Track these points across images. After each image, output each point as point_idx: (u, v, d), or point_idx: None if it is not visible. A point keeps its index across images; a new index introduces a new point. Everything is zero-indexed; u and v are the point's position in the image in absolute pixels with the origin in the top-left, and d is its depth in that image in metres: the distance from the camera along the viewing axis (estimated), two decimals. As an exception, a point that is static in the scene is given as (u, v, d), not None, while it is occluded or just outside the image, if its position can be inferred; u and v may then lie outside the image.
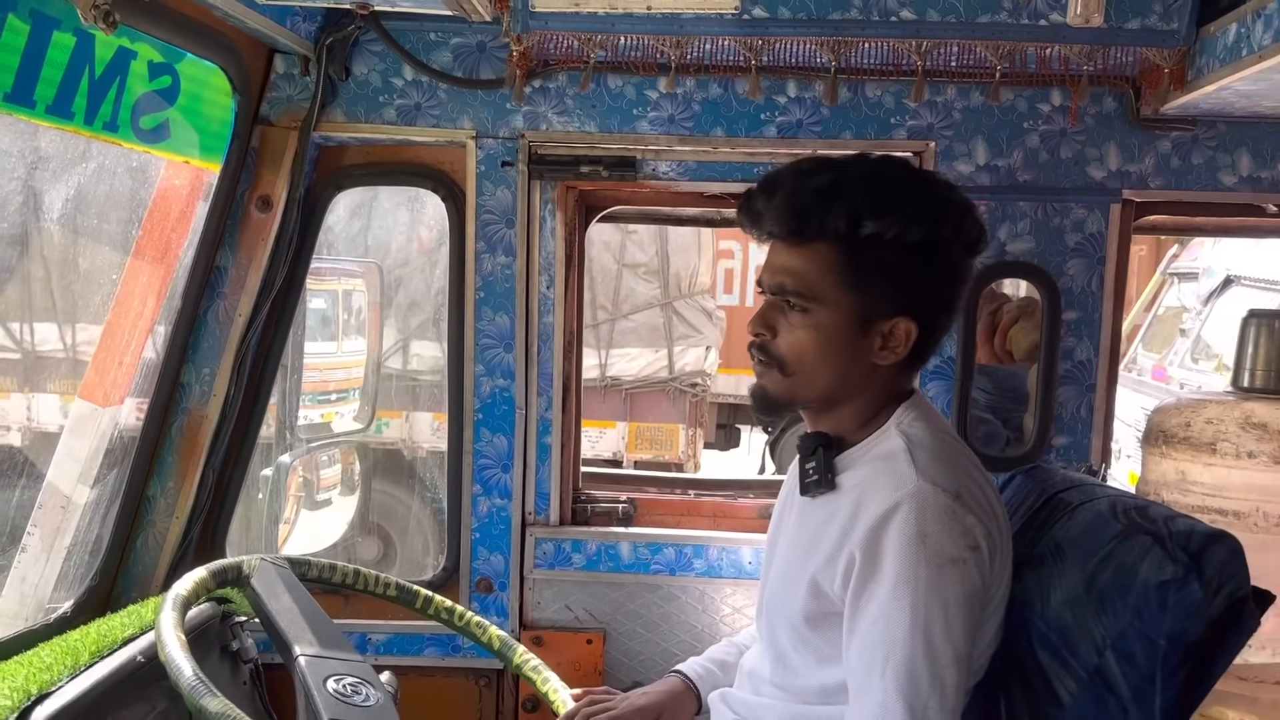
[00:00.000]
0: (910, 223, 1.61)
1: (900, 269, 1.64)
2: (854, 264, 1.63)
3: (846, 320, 1.66)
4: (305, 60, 2.46)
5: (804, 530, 1.77)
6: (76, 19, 1.85)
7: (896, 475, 1.63)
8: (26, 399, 4.11)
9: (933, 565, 1.56)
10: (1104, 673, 1.60)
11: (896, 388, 1.77)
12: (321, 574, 2.18)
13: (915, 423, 1.72)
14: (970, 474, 1.71)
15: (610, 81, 2.50)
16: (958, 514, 1.59)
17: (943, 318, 1.74)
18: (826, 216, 1.61)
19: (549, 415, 2.66)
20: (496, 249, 2.59)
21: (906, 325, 1.67)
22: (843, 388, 1.72)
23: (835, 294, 1.64)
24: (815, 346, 1.67)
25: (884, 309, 1.66)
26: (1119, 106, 2.45)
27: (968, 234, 1.70)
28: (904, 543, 1.57)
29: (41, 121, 1.92)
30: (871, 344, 1.68)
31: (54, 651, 1.94)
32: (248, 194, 2.50)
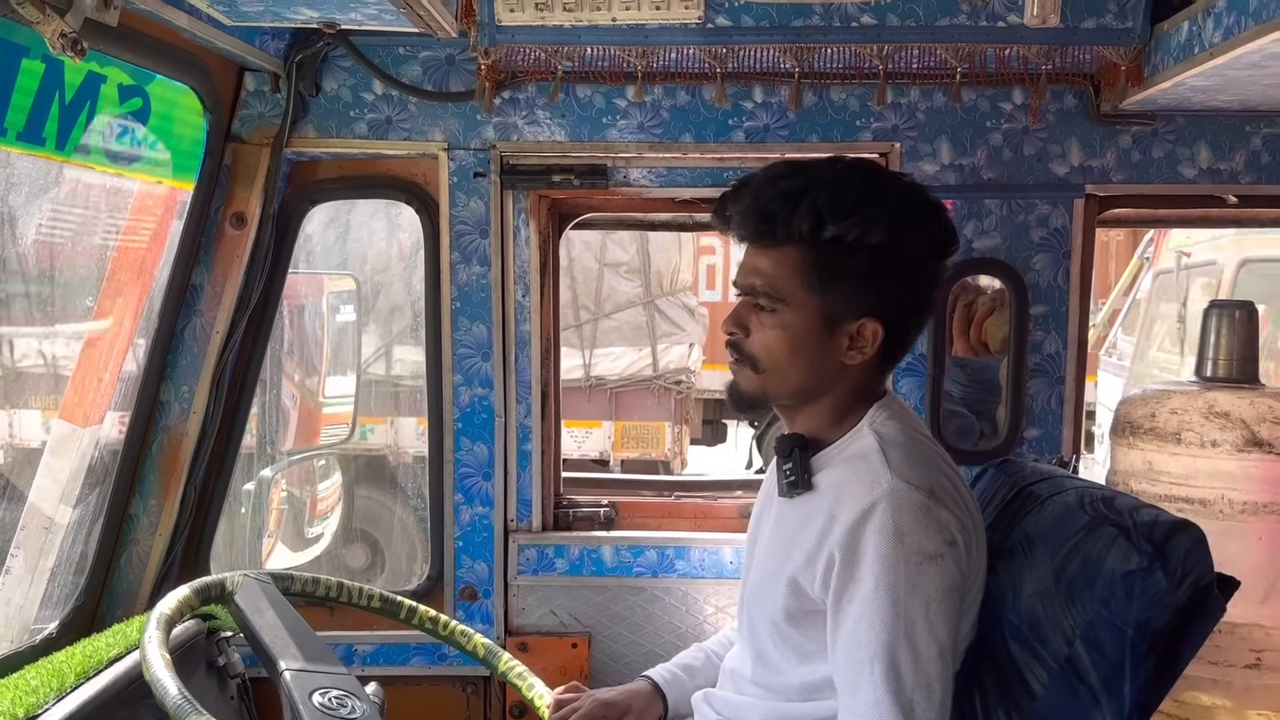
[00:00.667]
0: (871, 225, 1.63)
1: (864, 271, 1.66)
2: (818, 266, 1.66)
3: (813, 321, 1.69)
4: (275, 77, 2.48)
5: (782, 530, 1.79)
6: (45, 46, 1.88)
7: (871, 474, 1.65)
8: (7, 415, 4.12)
9: (911, 562, 1.58)
10: (1074, 662, 1.63)
11: (869, 386, 1.79)
12: (305, 588, 2.20)
13: (887, 421, 1.75)
14: (943, 470, 1.74)
15: (579, 91, 2.53)
16: (933, 510, 1.62)
17: (911, 319, 1.77)
18: (791, 220, 1.65)
19: (528, 422, 2.69)
20: (471, 259, 2.61)
21: (873, 326, 1.69)
22: (812, 385, 1.75)
23: (801, 295, 1.68)
24: (784, 345, 1.70)
25: (850, 310, 1.68)
26: (1079, 104, 2.49)
27: (932, 236, 1.72)
28: (882, 541, 1.59)
29: (13, 149, 1.93)
30: (839, 344, 1.71)
31: (39, 674, 1.95)
32: (221, 211, 2.51)
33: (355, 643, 2.69)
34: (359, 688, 1.83)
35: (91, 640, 2.18)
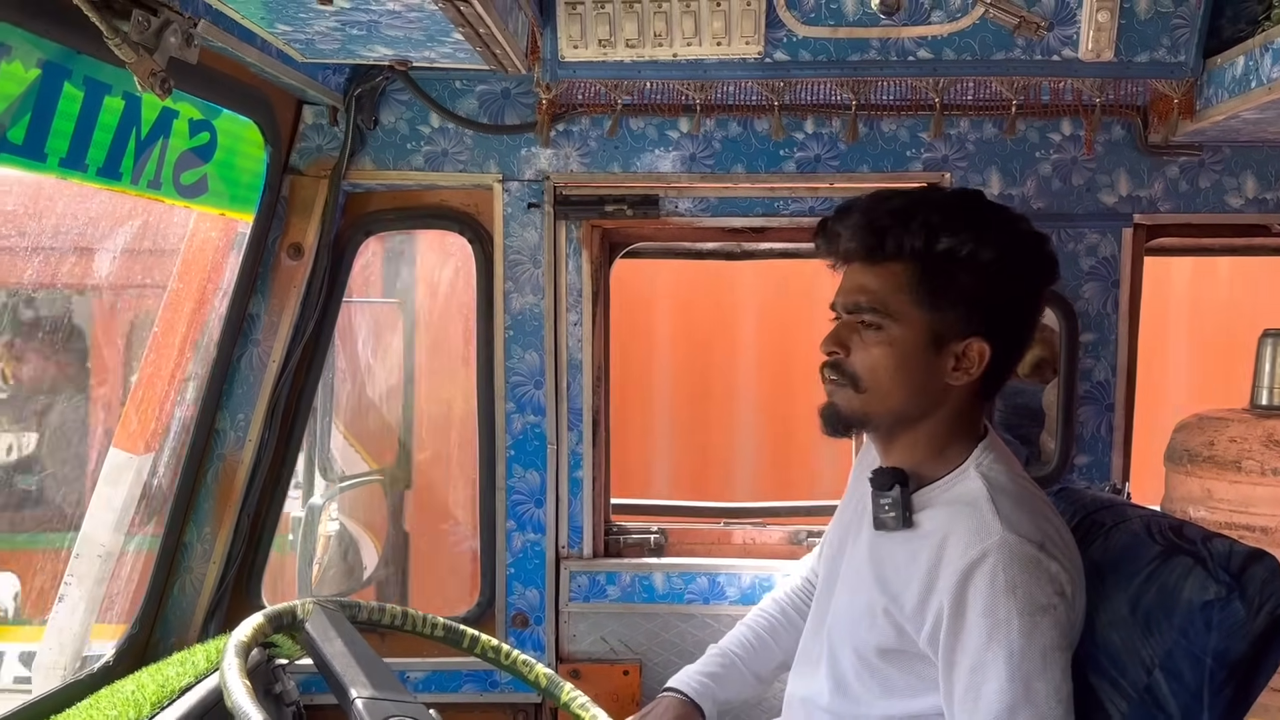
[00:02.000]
0: (983, 242, 1.65)
1: (974, 288, 1.66)
2: (929, 282, 1.66)
3: (921, 338, 1.68)
4: (334, 111, 2.52)
5: (879, 564, 1.76)
6: (126, 83, 1.91)
7: (981, 524, 1.63)
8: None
9: (1025, 614, 1.57)
10: (1153, 691, 1.65)
11: (970, 415, 1.78)
12: (371, 616, 2.21)
13: (994, 465, 1.72)
14: (1049, 519, 1.71)
15: (632, 123, 2.56)
16: (1043, 563, 1.60)
17: (1015, 341, 1.75)
18: (903, 234, 1.65)
19: (580, 449, 2.71)
20: (524, 288, 2.64)
21: (980, 346, 1.68)
22: (915, 406, 1.73)
23: (910, 311, 1.67)
24: (889, 363, 1.69)
25: (957, 329, 1.68)
26: (1128, 134, 2.53)
27: (1039, 260, 1.74)
28: (994, 594, 1.57)
29: (92, 183, 1.96)
30: (945, 363, 1.69)
31: (115, 701, 1.97)
32: (279, 242, 2.54)
33: (408, 669, 2.70)
34: (427, 715, 1.85)
35: (160, 667, 2.20)
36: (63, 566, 2.63)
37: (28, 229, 2.36)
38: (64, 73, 1.77)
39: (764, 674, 2.11)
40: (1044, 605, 1.58)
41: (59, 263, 2.52)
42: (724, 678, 2.06)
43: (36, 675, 2.69)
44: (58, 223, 2.39)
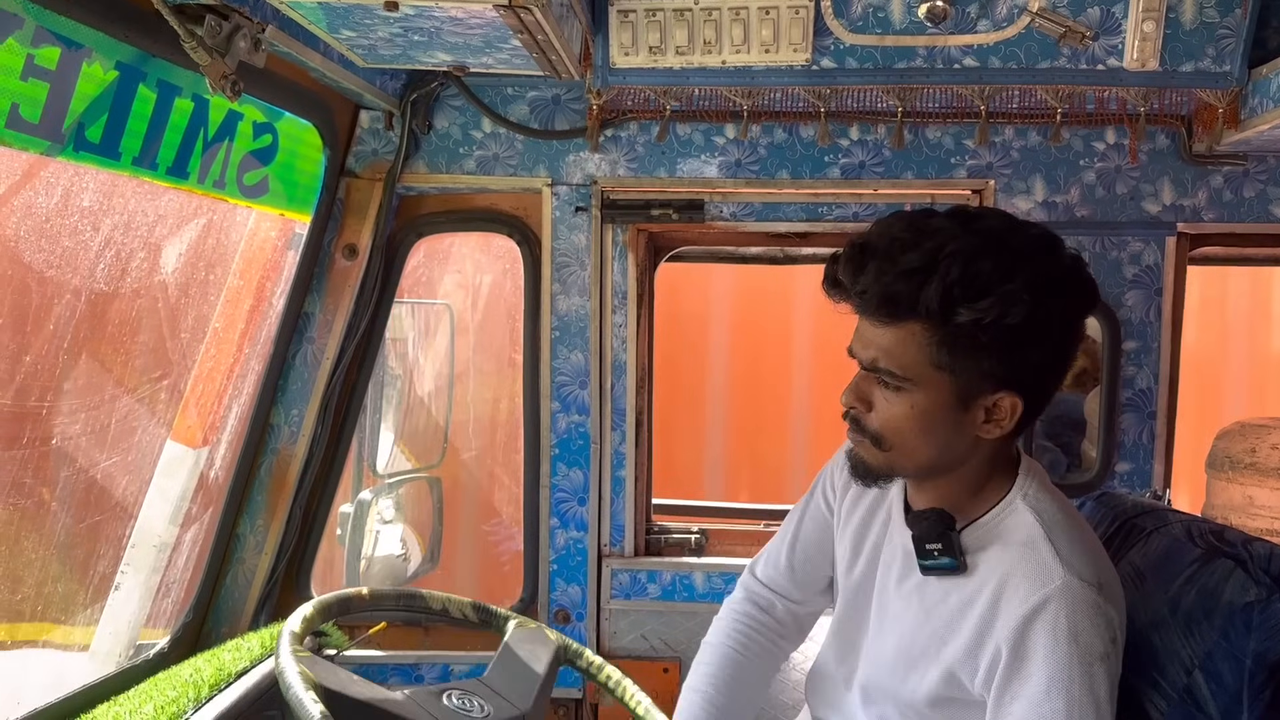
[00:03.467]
0: (1011, 305, 1.47)
1: (1001, 347, 1.52)
2: (950, 345, 1.51)
3: (946, 399, 1.56)
4: (389, 115, 2.59)
5: (930, 609, 1.68)
6: (196, 86, 1.99)
7: (1041, 567, 1.55)
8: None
9: (1084, 664, 1.51)
10: (1193, 692, 1.66)
11: (1005, 453, 1.69)
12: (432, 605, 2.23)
13: (1040, 495, 1.66)
14: (1099, 552, 1.66)
15: (679, 129, 2.61)
16: (1102, 608, 1.54)
17: (1049, 384, 1.62)
18: (918, 299, 1.49)
19: (623, 449, 2.75)
20: (571, 290, 2.69)
21: (1011, 400, 1.56)
22: (944, 462, 1.63)
23: (932, 374, 1.54)
24: (913, 425, 1.58)
25: (986, 385, 1.55)
26: (1172, 144, 2.54)
27: (1075, 300, 1.59)
28: (1055, 643, 1.51)
29: (161, 182, 2.04)
30: (974, 419, 1.58)
31: (174, 685, 2.04)
32: (334, 242, 2.61)
33: (451, 662, 2.76)
34: (483, 689, 1.89)
35: (215, 653, 2.27)
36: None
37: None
38: (139, 75, 1.85)
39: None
40: (1101, 654, 1.53)
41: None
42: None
43: (93, 661, 2.76)
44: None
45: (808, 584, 2.01)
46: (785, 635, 2.06)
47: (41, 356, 2.36)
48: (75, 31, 1.66)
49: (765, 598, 2.06)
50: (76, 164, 1.85)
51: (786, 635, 2.07)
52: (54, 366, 2.39)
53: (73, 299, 2.34)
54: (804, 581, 2.01)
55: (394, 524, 3.14)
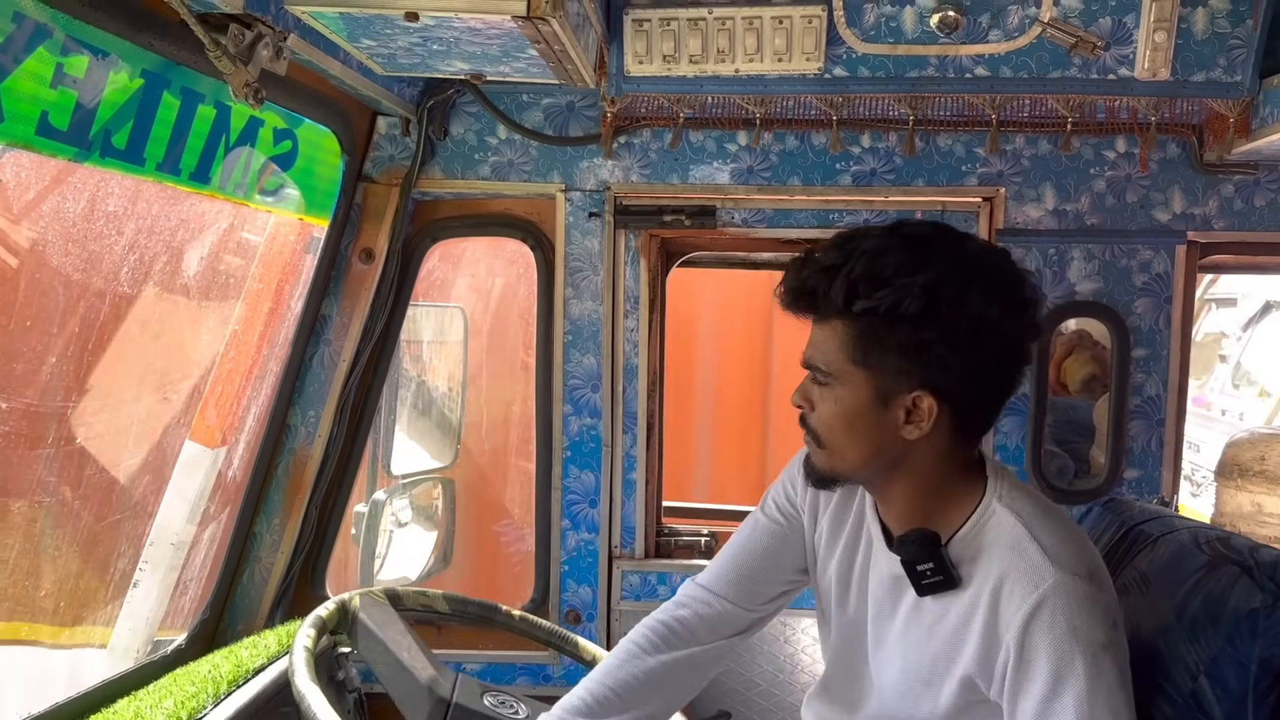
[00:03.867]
0: (905, 295, 1.53)
1: (909, 344, 1.56)
2: (861, 341, 1.59)
3: (866, 396, 1.61)
4: (406, 122, 2.62)
5: (931, 627, 1.68)
6: (218, 93, 2.03)
7: (1031, 568, 1.57)
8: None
9: (1087, 656, 1.52)
10: (1198, 698, 1.68)
11: (955, 460, 1.69)
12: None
13: (1014, 495, 1.67)
14: (1083, 542, 1.67)
15: (691, 136, 2.64)
16: (1097, 598, 1.56)
17: (975, 389, 1.62)
18: (828, 293, 1.58)
19: (634, 452, 2.78)
20: (584, 294, 2.72)
21: (929, 401, 1.59)
22: (878, 462, 1.66)
23: (850, 370, 1.61)
24: (840, 422, 1.64)
25: (901, 384, 1.59)
26: (1182, 152, 2.56)
27: (982, 300, 1.57)
28: (1056, 640, 1.53)
29: (184, 187, 2.08)
30: (895, 418, 1.61)
31: (194, 680, 2.07)
32: (351, 246, 2.65)
33: (464, 660, 2.79)
34: (518, 693, 1.92)
35: (233, 650, 2.30)
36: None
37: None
38: (164, 82, 1.89)
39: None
40: (1104, 642, 1.54)
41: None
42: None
43: (111, 657, 2.80)
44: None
45: (755, 593, 1.96)
46: (716, 635, 1.96)
47: (65, 357, 2.40)
48: (102, 40, 1.70)
49: (700, 598, 1.97)
50: (102, 169, 1.89)
51: (718, 635, 1.96)
52: (77, 367, 2.44)
53: (95, 301, 2.38)
54: (751, 591, 1.96)
55: (408, 525, 3.18)
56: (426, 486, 3.26)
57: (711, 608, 1.94)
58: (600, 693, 1.85)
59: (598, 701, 1.83)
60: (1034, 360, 2.60)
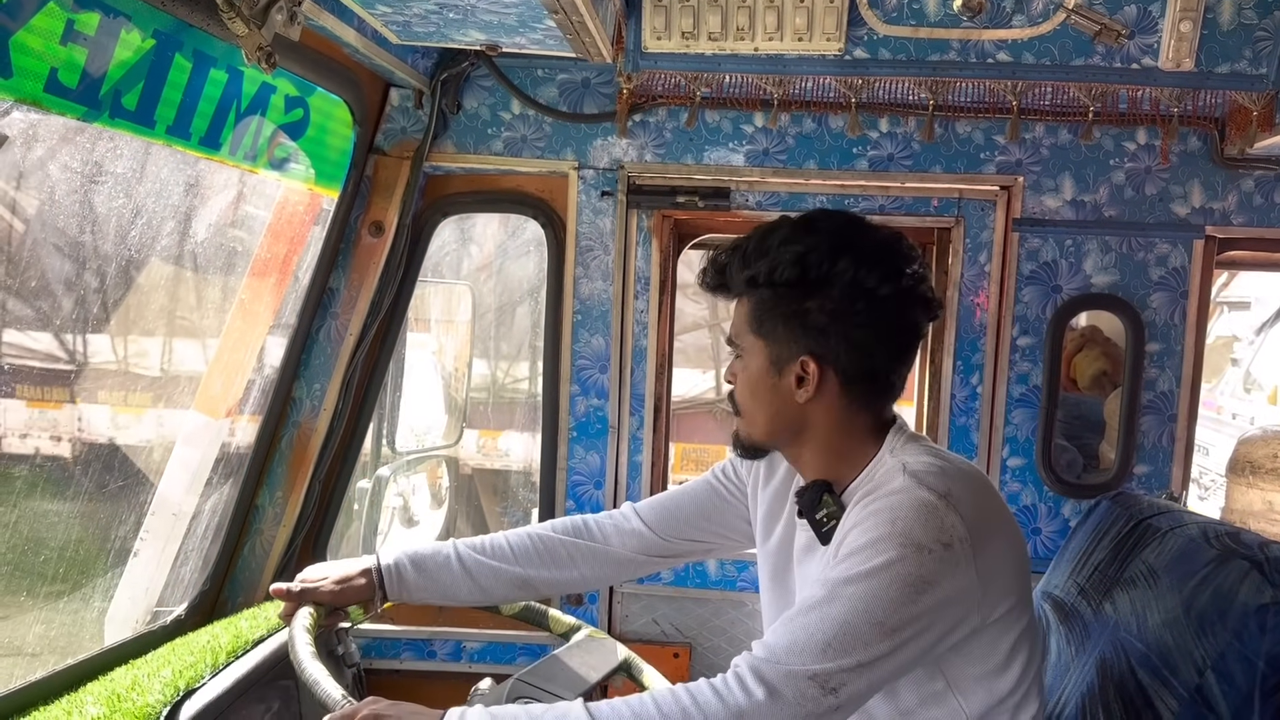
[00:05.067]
0: (778, 264, 1.66)
1: (790, 310, 1.68)
2: (757, 311, 1.72)
3: (763, 364, 1.73)
4: (419, 94, 2.60)
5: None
6: (231, 57, 2.01)
7: (887, 479, 1.64)
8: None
9: (894, 543, 1.52)
10: (1204, 692, 1.67)
11: (857, 420, 1.74)
12: None
13: (907, 446, 1.71)
14: (956, 477, 1.64)
15: (707, 116, 2.61)
16: (939, 510, 1.55)
17: (859, 353, 1.69)
18: (730, 270, 1.73)
19: (640, 434, 2.76)
20: (594, 274, 2.70)
21: (812, 365, 1.68)
22: (781, 426, 1.75)
23: (751, 340, 1.73)
24: (747, 389, 1.76)
25: (790, 350, 1.69)
26: (1203, 146, 2.53)
27: (852, 268, 1.65)
28: (877, 519, 1.56)
29: (194, 152, 2.06)
30: (788, 384, 1.71)
31: (192, 651, 2.06)
32: (361, 219, 2.63)
33: (464, 639, 2.78)
34: (525, 686, 1.90)
35: (232, 621, 2.29)
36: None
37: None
38: (175, 44, 1.87)
39: (485, 580, 2.02)
40: (919, 543, 1.52)
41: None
42: (430, 563, 2.00)
43: (110, 626, 2.79)
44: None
45: (670, 527, 2.08)
46: (624, 546, 2.08)
47: (70, 323, 2.38)
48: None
49: (624, 514, 2.11)
50: (112, 130, 1.86)
51: (626, 547, 2.08)
52: (82, 334, 2.42)
53: (102, 265, 2.36)
54: (667, 523, 2.08)
55: (410, 502, 3.17)
56: (430, 464, 3.25)
57: (629, 522, 2.09)
58: (496, 541, 2.05)
59: (491, 545, 2.04)
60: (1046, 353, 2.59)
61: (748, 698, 1.47)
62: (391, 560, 2.00)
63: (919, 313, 1.72)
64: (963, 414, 2.66)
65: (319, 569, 1.98)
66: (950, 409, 2.66)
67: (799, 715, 1.47)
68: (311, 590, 1.93)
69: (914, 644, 1.52)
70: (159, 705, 1.81)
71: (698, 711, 1.47)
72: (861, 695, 1.52)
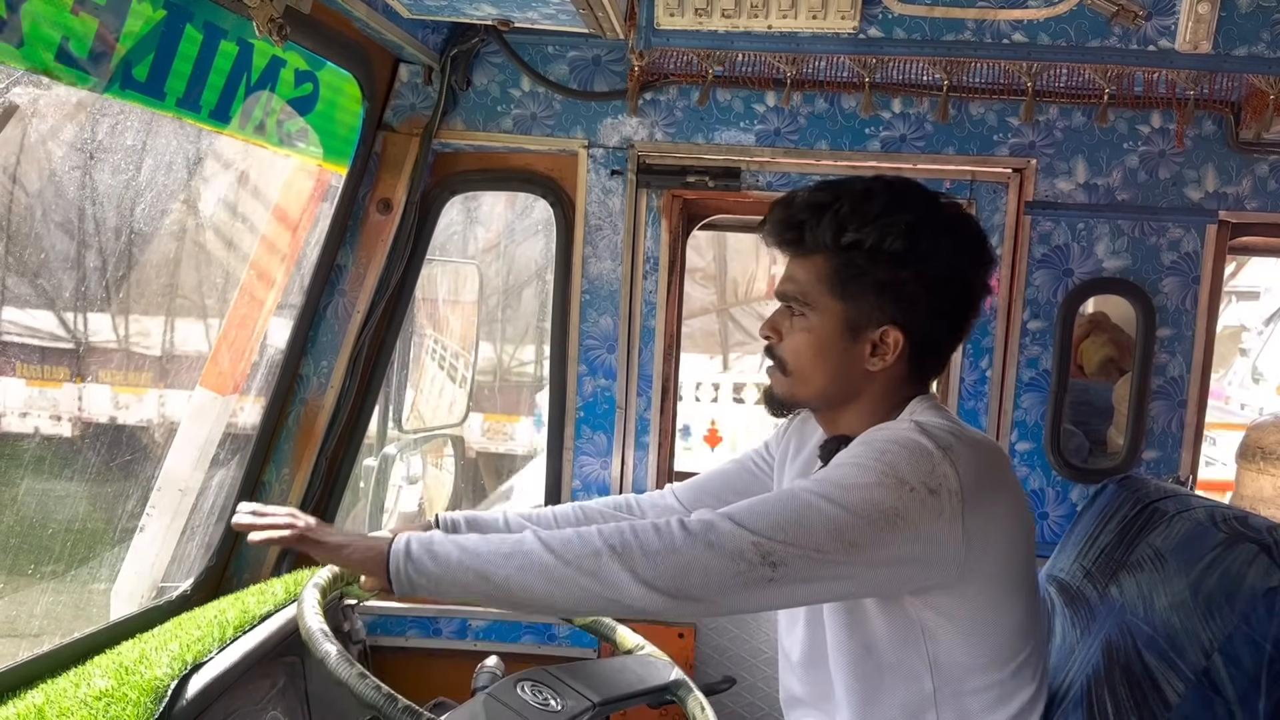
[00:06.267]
0: (889, 232, 1.66)
1: (885, 280, 1.68)
2: (842, 273, 1.70)
3: (837, 326, 1.72)
4: (429, 70, 2.58)
5: None
6: (241, 30, 2.00)
7: (895, 427, 1.65)
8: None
9: (876, 471, 1.54)
10: (1211, 675, 1.66)
11: (902, 393, 1.78)
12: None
13: (927, 412, 1.73)
14: (979, 452, 1.64)
15: (719, 95, 2.60)
16: (932, 456, 1.56)
17: (936, 330, 1.75)
18: (816, 228, 1.70)
19: (648, 415, 2.76)
20: (603, 254, 2.69)
21: (895, 335, 1.71)
22: (837, 389, 1.77)
23: (826, 301, 1.72)
24: (809, 350, 1.74)
25: (872, 318, 1.71)
26: (1218, 130, 2.51)
27: (953, 249, 1.71)
28: (862, 451, 1.59)
29: (203, 125, 2.05)
30: (862, 350, 1.72)
31: (198, 623, 2.06)
32: (369, 196, 2.62)
33: (470, 617, 2.78)
34: (551, 678, 1.89)
35: (239, 596, 2.29)
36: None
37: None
38: (186, 15, 1.86)
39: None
40: (903, 479, 1.53)
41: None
42: (485, 524, 2.11)
43: (116, 601, 2.80)
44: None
45: (699, 503, 2.11)
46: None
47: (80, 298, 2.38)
48: (126, -33, 1.67)
49: (661, 492, 2.22)
50: (121, 102, 1.86)
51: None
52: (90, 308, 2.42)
53: (111, 239, 2.36)
54: (698, 500, 2.13)
55: (416, 482, 3.17)
56: (437, 443, 3.25)
57: (666, 499, 2.18)
58: (543, 511, 2.16)
59: (537, 514, 2.15)
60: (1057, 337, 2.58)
61: (686, 537, 1.51)
62: (449, 518, 2.11)
63: (983, 300, 1.79)
64: (971, 398, 2.65)
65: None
66: (959, 392, 2.65)
67: (730, 571, 1.49)
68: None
69: (869, 570, 1.54)
70: (167, 679, 1.81)
71: (635, 541, 1.51)
72: (797, 588, 1.52)
